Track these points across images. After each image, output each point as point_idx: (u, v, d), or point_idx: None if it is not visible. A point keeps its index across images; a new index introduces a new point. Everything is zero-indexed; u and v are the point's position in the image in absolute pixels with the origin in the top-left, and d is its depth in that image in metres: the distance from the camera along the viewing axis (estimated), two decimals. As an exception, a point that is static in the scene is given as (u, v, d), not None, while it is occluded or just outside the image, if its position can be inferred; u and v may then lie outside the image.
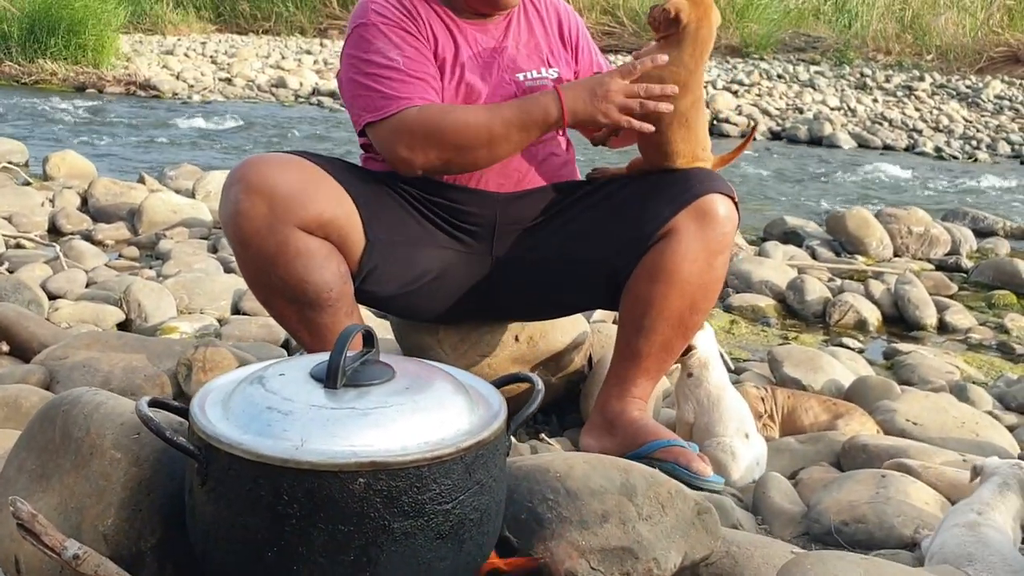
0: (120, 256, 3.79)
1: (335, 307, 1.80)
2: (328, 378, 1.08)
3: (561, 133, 1.97)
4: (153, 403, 1.12)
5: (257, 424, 1.05)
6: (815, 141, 8.23)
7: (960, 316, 3.50)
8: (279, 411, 1.05)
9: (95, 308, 2.90)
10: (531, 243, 1.93)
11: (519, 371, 1.86)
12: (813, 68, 11.42)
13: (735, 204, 1.84)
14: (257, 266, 1.78)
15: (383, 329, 2.48)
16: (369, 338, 1.17)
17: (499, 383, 1.24)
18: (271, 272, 1.76)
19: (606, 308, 2.00)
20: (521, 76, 1.92)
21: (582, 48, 2.06)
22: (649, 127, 1.77)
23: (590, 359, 2.26)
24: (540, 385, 1.20)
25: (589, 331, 2.24)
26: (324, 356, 1.11)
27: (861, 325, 3.44)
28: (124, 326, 2.88)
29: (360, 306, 1.92)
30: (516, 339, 2.09)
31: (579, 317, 2.20)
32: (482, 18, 1.92)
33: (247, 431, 1.05)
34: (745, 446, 1.93)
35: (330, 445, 1.02)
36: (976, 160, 7.78)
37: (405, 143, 1.78)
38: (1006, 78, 10.77)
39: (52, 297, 3.03)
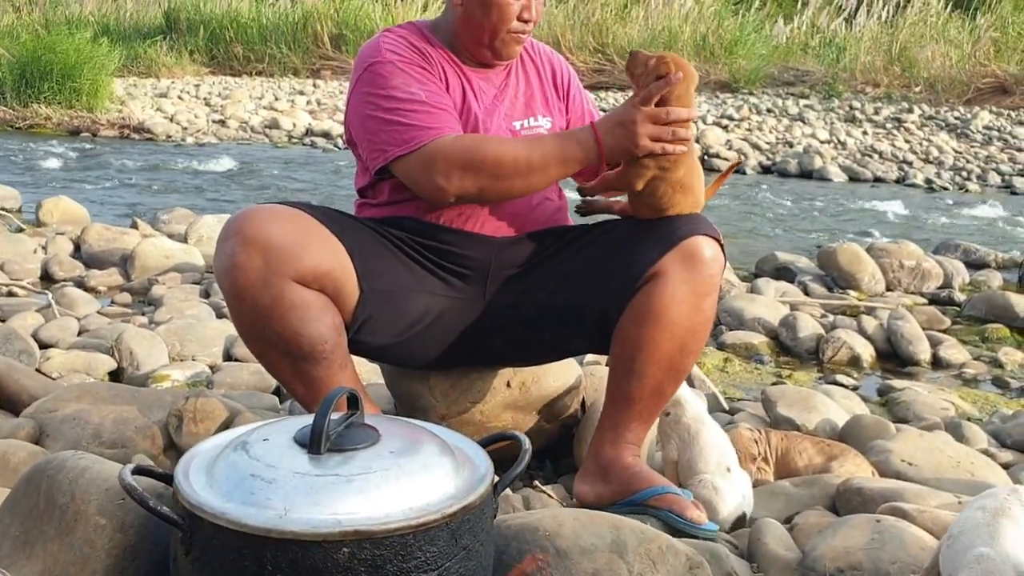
0: (112, 303, 3.79)
1: (329, 360, 1.79)
2: (312, 444, 1.08)
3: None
4: (138, 471, 1.11)
5: (240, 492, 1.04)
6: (805, 174, 8.25)
7: (954, 351, 3.50)
8: (262, 479, 1.04)
9: (87, 357, 2.89)
10: (525, 286, 1.93)
11: (506, 429, 1.86)
12: (802, 102, 11.49)
13: (721, 246, 1.85)
14: (252, 319, 1.77)
15: (374, 374, 2.47)
16: (354, 400, 1.16)
17: (486, 443, 1.23)
18: (266, 325, 1.76)
19: (599, 351, 2.00)
20: (517, 124, 1.96)
21: (573, 96, 2.10)
22: (683, 148, 1.78)
23: (583, 403, 2.26)
24: (527, 444, 1.19)
25: (582, 375, 2.24)
26: (308, 419, 1.10)
27: (855, 361, 3.44)
28: (116, 374, 2.87)
29: (353, 357, 1.91)
30: (508, 385, 2.08)
31: (571, 361, 2.19)
32: (485, 68, 1.96)
33: (231, 499, 1.04)
34: (727, 481, 1.92)
35: (314, 514, 1.01)
36: (967, 191, 7.82)
37: (441, 171, 1.78)
38: (994, 109, 10.85)
39: (44, 346, 3.02)
